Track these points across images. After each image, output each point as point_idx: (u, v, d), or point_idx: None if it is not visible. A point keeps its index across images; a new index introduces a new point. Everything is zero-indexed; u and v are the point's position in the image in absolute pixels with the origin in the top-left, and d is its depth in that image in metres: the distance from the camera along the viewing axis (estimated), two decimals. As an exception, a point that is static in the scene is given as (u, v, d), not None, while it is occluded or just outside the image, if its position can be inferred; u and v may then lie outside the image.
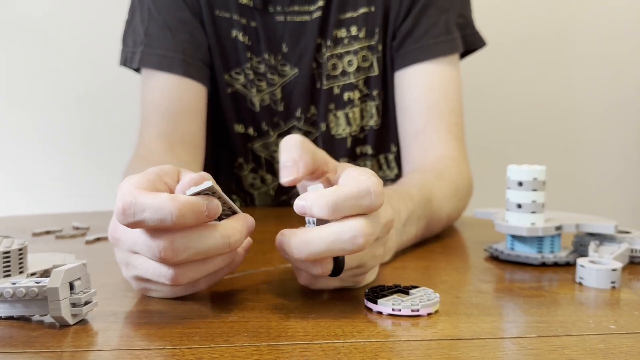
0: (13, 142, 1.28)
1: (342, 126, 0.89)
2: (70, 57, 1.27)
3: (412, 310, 0.41)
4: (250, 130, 0.90)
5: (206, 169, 0.89)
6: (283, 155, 0.44)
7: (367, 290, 0.44)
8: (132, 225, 0.38)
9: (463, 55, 0.89)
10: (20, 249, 0.45)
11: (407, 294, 0.44)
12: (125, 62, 0.86)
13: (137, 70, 0.86)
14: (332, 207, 0.39)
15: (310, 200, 0.39)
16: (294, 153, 0.43)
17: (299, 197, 0.40)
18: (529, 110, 1.41)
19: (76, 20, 1.27)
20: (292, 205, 1.00)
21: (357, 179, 0.41)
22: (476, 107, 1.25)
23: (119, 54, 0.87)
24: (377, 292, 0.44)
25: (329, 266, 0.41)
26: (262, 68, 0.86)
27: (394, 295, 0.43)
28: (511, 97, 1.40)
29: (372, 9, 0.85)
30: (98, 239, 0.68)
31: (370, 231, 0.39)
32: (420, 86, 0.83)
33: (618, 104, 1.43)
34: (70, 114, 1.29)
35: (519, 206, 0.57)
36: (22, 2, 1.25)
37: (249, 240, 0.45)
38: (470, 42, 0.87)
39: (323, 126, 0.89)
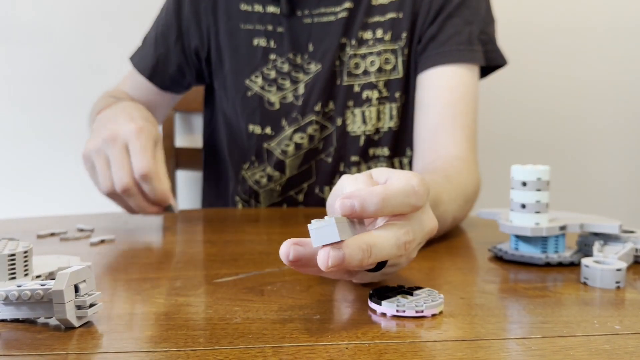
0: (17, 144, 1.28)
1: (357, 124, 0.91)
2: (74, 60, 1.27)
3: (417, 312, 0.41)
4: (268, 130, 0.93)
5: (212, 172, 0.98)
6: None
7: (371, 291, 0.44)
8: None
9: (485, 73, 0.93)
10: (25, 252, 0.45)
11: (411, 294, 0.44)
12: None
13: None
14: (383, 204, 0.38)
15: (360, 198, 0.38)
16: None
17: (344, 196, 0.38)
18: (532, 110, 1.40)
19: (80, 23, 1.27)
20: (299, 202, 1.03)
21: (403, 176, 0.41)
22: (481, 108, 1.25)
23: (124, 57, 0.99)
24: (381, 293, 0.44)
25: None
26: (286, 67, 0.91)
27: (398, 296, 0.43)
28: (515, 97, 1.39)
29: (400, 15, 0.89)
30: (103, 241, 0.68)
31: (415, 238, 0.41)
32: (439, 86, 0.86)
33: (622, 103, 1.42)
34: (75, 116, 1.29)
35: (523, 206, 0.57)
36: (24, 5, 1.25)
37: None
38: (492, 59, 0.91)
39: (339, 121, 0.92)
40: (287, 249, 0.38)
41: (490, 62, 0.91)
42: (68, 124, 1.29)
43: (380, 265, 0.43)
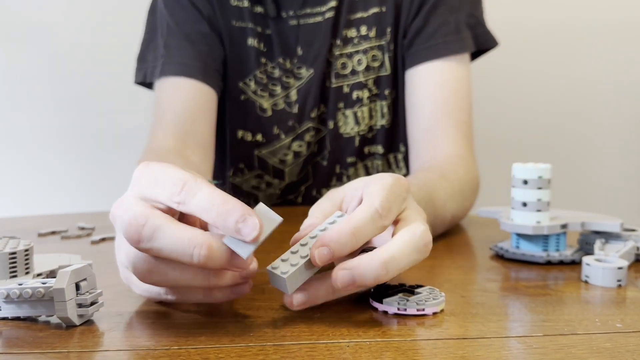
0: (18, 143, 1.28)
1: (350, 125, 0.89)
2: (76, 59, 1.27)
3: (418, 310, 0.41)
4: (259, 137, 0.90)
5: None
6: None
7: (372, 290, 0.44)
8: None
9: (476, 55, 0.90)
10: (26, 250, 0.45)
11: (413, 293, 0.44)
12: (145, 77, 0.87)
13: (151, 86, 0.87)
14: (355, 240, 0.39)
15: (334, 243, 0.38)
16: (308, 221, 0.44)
17: (319, 245, 0.38)
18: (534, 109, 1.40)
19: (81, 22, 1.27)
20: (298, 204, 0.99)
21: (369, 199, 0.41)
22: (481, 106, 1.25)
23: (128, 56, 0.88)
24: (383, 291, 0.43)
25: None
26: (277, 72, 0.87)
27: (400, 295, 0.43)
28: (516, 95, 1.39)
29: (383, 9, 0.86)
30: (103, 239, 0.68)
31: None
32: (429, 84, 0.83)
33: (623, 102, 1.42)
34: (76, 115, 1.29)
35: (524, 204, 0.57)
36: (26, 4, 1.25)
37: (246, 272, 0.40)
38: (482, 42, 0.87)
39: (331, 124, 0.90)
40: (290, 298, 0.40)
41: (481, 46, 0.88)
42: (69, 123, 1.29)
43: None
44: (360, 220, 0.39)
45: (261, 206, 0.37)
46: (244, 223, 0.35)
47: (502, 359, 0.34)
